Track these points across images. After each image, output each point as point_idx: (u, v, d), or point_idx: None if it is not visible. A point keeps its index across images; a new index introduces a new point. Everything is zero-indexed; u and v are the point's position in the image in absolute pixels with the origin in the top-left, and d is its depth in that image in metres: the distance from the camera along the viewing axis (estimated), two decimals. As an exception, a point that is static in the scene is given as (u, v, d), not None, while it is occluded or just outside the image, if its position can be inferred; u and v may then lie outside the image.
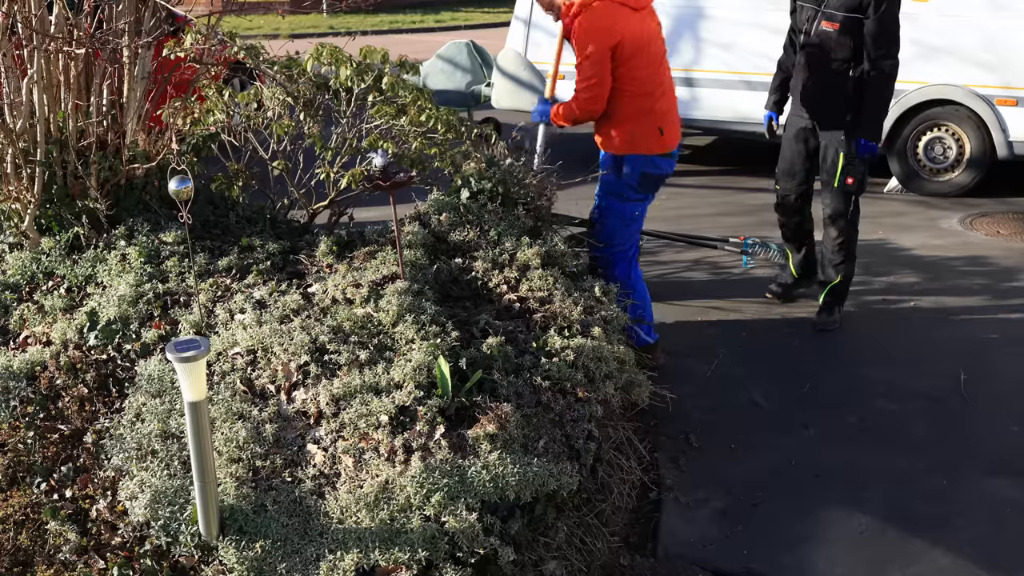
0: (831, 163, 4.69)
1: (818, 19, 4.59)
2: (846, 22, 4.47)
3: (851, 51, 4.51)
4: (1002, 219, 6.69)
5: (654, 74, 4.03)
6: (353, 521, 2.42)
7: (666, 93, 4.11)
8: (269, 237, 3.72)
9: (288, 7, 15.93)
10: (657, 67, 4.05)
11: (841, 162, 4.61)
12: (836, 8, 4.49)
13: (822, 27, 4.56)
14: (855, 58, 4.52)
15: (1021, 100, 6.83)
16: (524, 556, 2.55)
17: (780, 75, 5.01)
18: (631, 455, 3.29)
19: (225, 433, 2.65)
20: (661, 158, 4.12)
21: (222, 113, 4.01)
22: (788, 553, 3.12)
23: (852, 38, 4.48)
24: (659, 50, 4.09)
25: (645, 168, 4.10)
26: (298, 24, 19.97)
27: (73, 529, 2.52)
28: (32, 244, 3.75)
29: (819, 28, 4.58)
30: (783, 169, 4.98)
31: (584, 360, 3.02)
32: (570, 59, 4.16)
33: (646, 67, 3.99)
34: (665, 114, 4.09)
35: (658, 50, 4.08)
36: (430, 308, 3.08)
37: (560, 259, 3.62)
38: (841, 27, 4.49)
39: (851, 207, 4.75)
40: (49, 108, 3.62)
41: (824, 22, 4.55)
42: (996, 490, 3.45)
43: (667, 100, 4.12)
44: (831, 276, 4.87)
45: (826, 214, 4.82)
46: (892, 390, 4.18)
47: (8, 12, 3.38)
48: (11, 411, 2.93)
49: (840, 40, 4.51)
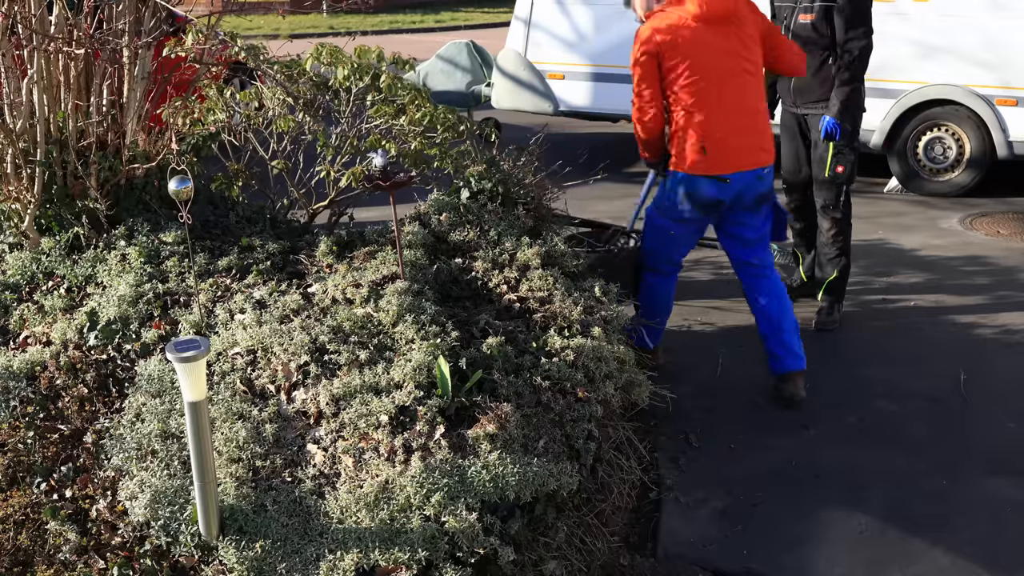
0: (821, 153, 4.73)
1: (795, 14, 4.72)
2: (820, 11, 4.61)
3: (830, 39, 4.62)
4: (1002, 219, 6.69)
5: (705, 90, 3.77)
6: (353, 521, 2.42)
7: (726, 114, 3.81)
8: (269, 237, 3.72)
9: (288, 7, 15.95)
10: (717, 84, 3.78)
11: (831, 151, 4.65)
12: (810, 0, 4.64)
13: (799, 20, 4.68)
14: (834, 46, 4.63)
15: (1021, 100, 6.83)
16: (524, 556, 2.55)
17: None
18: (631, 455, 3.29)
19: (225, 433, 2.65)
20: (705, 180, 3.83)
21: (222, 113, 4.01)
22: (788, 553, 3.12)
23: (828, 26, 4.61)
24: (726, 66, 3.80)
25: (684, 187, 3.89)
26: (298, 24, 19.98)
27: (73, 529, 2.52)
28: (32, 244, 3.75)
29: (797, 22, 4.69)
30: (788, 169, 5.02)
31: (584, 360, 3.02)
32: (569, 59, 4.16)
33: (695, 82, 3.76)
34: (713, 134, 3.80)
35: (724, 66, 3.80)
36: (430, 308, 3.08)
37: (560, 259, 3.62)
38: (817, 16, 4.61)
39: (842, 196, 4.78)
40: (49, 108, 3.62)
41: (801, 15, 4.68)
42: (996, 490, 3.45)
43: (723, 121, 3.81)
44: (827, 272, 4.88)
45: (819, 205, 4.85)
46: (892, 390, 4.18)
47: (8, 12, 3.38)
48: (11, 411, 2.93)
49: (818, 30, 4.63)
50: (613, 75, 7.93)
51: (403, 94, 3.92)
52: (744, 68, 3.86)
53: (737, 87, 3.84)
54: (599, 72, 7.99)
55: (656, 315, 4.15)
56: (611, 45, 7.91)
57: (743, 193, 3.90)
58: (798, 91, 4.83)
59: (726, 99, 3.82)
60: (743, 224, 4.01)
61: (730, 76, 3.82)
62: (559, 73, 8.08)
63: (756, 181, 3.91)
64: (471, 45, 9.19)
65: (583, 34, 8.04)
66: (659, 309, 4.17)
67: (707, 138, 3.81)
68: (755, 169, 3.89)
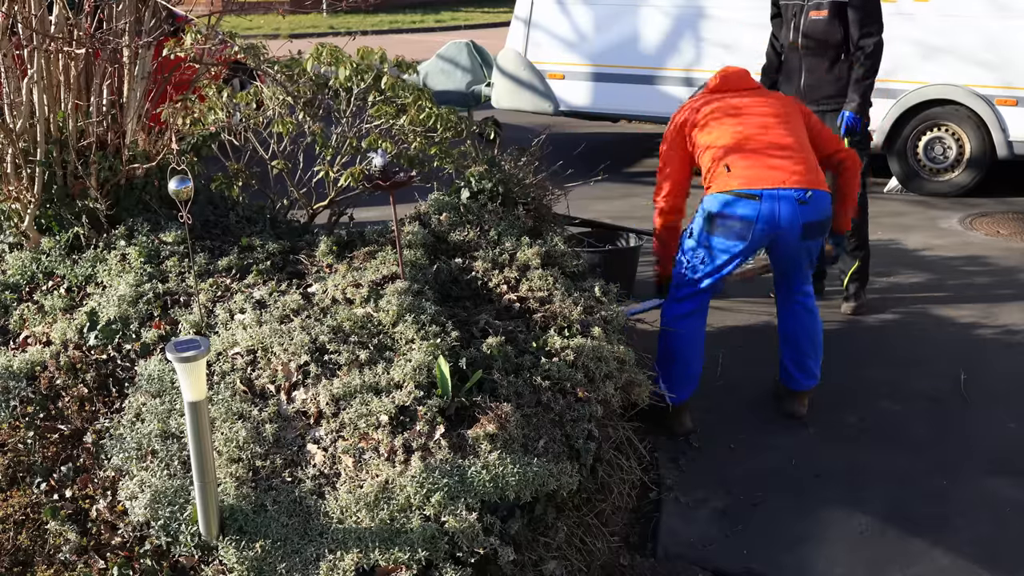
0: None
1: (805, 12, 4.82)
2: (833, 8, 4.72)
3: (842, 36, 4.75)
4: (1002, 219, 6.69)
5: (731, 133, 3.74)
6: (353, 521, 2.42)
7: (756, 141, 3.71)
8: (269, 237, 3.72)
9: (288, 7, 15.95)
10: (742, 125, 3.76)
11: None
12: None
13: (811, 17, 4.79)
14: (845, 42, 4.75)
15: (1021, 100, 6.83)
16: (524, 556, 2.55)
17: (766, 80, 5.19)
18: (631, 455, 3.29)
19: (225, 433, 2.65)
20: (730, 197, 3.60)
21: (222, 112, 4.01)
22: (788, 553, 3.12)
23: (840, 22, 4.73)
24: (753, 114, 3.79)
25: (709, 206, 3.67)
26: (298, 24, 19.97)
27: (73, 529, 2.52)
28: (32, 244, 3.75)
29: (808, 19, 4.79)
30: None
31: (584, 360, 3.02)
32: (569, 59, 4.17)
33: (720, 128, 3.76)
34: (736, 154, 3.68)
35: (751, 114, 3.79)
36: (430, 308, 3.08)
37: (560, 259, 3.62)
38: (829, 13, 4.74)
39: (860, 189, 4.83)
40: (49, 108, 3.62)
41: (812, 12, 4.79)
42: (996, 490, 3.45)
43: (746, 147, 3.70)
44: (849, 263, 4.98)
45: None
46: (892, 390, 4.18)
47: (8, 12, 3.38)
48: (11, 411, 2.93)
49: (830, 26, 4.75)
50: (613, 75, 7.94)
51: (405, 94, 3.92)
52: (776, 113, 3.80)
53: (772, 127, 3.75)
54: (599, 72, 7.99)
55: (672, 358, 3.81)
56: (611, 45, 7.91)
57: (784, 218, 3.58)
58: (810, 88, 4.89)
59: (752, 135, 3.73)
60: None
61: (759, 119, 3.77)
62: (559, 73, 8.08)
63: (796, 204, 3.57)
64: (471, 45, 9.20)
65: (583, 34, 8.04)
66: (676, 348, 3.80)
67: (732, 160, 3.67)
68: (791, 188, 3.57)
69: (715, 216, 3.64)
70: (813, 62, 4.87)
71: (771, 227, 3.59)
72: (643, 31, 7.85)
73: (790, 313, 3.93)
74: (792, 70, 4.99)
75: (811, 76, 4.87)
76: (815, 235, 3.69)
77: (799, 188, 3.59)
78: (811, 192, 3.60)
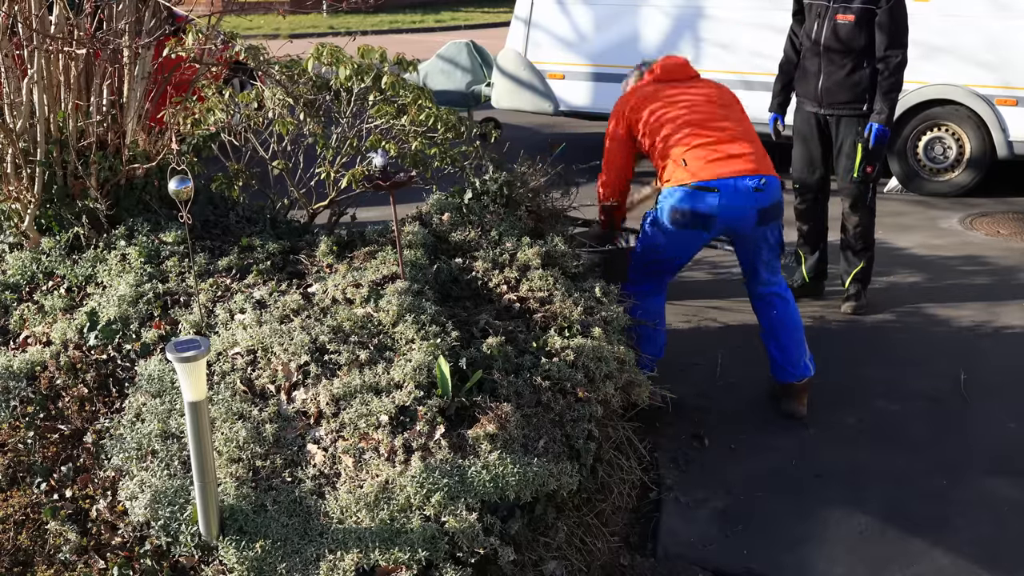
0: (848, 154, 4.83)
1: (830, 13, 4.78)
2: (861, 14, 4.69)
3: (866, 42, 4.72)
4: (1002, 219, 6.69)
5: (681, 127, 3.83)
6: (353, 521, 2.42)
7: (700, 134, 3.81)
8: (269, 237, 3.72)
9: (288, 7, 15.96)
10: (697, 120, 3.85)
11: (860, 152, 4.76)
12: (851, 0, 4.71)
13: (837, 20, 4.76)
14: (868, 49, 4.72)
15: (1021, 100, 6.83)
16: (524, 556, 2.55)
17: (783, 77, 5.13)
18: (631, 455, 3.29)
19: (225, 433, 2.65)
20: (688, 190, 3.71)
21: (222, 113, 4.01)
22: (788, 553, 3.12)
23: (866, 29, 4.70)
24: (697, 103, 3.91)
25: (668, 200, 3.78)
26: (298, 24, 19.97)
27: (73, 529, 2.52)
28: (32, 244, 3.75)
29: (834, 22, 4.76)
30: (804, 161, 5.05)
31: (584, 360, 3.02)
32: (569, 59, 4.20)
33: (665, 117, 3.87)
34: (687, 147, 3.77)
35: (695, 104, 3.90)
36: (430, 308, 3.08)
37: (561, 259, 3.62)
38: (856, 19, 4.71)
39: (869, 193, 4.93)
40: (49, 108, 3.62)
41: (839, 15, 4.75)
42: (996, 490, 3.45)
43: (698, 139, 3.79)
44: (854, 263, 5.01)
45: (846, 205, 4.98)
46: (892, 390, 4.18)
47: (8, 12, 3.38)
48: (11, 411, 2.93)
49: (856, 32, 4.72)
50: (613, 75, 7.92)
51: (406, 94, 3.92)
52: (722, 103, 3.96)
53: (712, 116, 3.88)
54: (599, 72, 7.98)
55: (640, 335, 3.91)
56: (611, 45, 7.91)
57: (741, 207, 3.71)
58: (827, 91, 4.87)
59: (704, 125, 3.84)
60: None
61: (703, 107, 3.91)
62: (559, 73, 8.08)
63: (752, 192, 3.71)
64: (471, 45, 9.19)
65: (583, 34, 8.04)
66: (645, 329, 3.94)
67: (687, 153, 3.76)
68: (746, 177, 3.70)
69: (675, 210, 3.78)
70: (833, 66, 4.81)
71: (729, 217, 3.75)
72: (643, 31, 7.85)
73: (765, 304, 4.00)
74: (809, 71, 4.92)
75: (829, 79, 4.82)
76: (769, 220, 3.82)
77: (753, 175, 3.74)
78: (764, 179, 3.75)
